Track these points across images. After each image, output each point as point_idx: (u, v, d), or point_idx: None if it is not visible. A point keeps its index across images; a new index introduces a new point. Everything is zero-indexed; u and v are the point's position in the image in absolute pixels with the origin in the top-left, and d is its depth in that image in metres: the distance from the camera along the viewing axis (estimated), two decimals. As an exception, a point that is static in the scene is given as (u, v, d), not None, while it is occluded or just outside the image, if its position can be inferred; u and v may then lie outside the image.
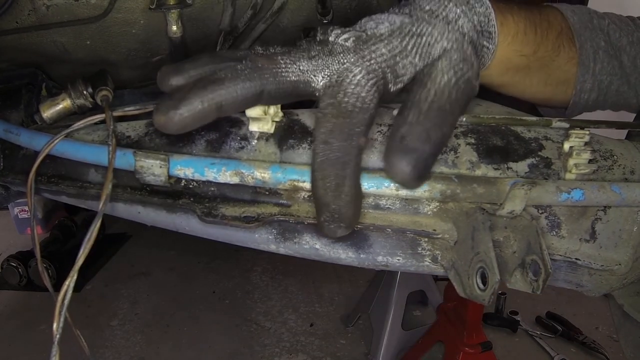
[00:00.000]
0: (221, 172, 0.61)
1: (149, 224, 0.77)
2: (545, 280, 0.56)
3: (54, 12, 0.89)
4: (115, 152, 0.65)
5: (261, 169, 0.61)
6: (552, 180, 0.64)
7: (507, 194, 0.59)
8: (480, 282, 0.59)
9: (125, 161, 0.66)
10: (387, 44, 0.53)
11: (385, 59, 0.53)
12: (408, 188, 0.58)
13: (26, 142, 0.76)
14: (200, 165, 0.63)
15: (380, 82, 0.53)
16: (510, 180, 0.59)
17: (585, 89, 0.75)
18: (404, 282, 2.27)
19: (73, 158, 0.70)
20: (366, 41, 0.53)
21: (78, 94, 0.80)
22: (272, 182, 0.61)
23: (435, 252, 0.67)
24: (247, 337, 2.52)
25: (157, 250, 3.28)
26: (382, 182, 0.59)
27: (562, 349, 2.41)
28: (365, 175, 0.59)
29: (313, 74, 0.52)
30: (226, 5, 1.00)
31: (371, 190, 0.59)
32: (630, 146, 0.73)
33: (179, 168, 0.63)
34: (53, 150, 0.68)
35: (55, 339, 0.50)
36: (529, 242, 0.60)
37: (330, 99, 0.51)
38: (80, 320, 2.63)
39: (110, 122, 0.68)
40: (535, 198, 0.59)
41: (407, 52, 0.54)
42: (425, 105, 0.51)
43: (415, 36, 0.54)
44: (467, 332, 1.91)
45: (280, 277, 3.00)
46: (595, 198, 0.60)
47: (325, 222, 0.53)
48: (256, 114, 0.64)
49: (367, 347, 2.42)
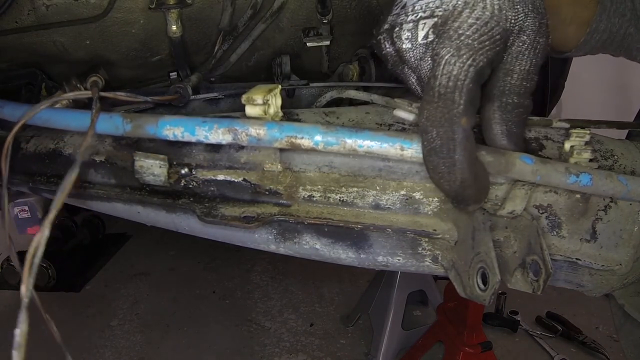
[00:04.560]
0: (213, 129, 0.57)
1: (149, 224, 0.77)
2: (546, 281, 0.56)
3: (54, 11, 0.89)
4: (100, 111, 0.60)
5: (256, 125, 0.57)
6: (561, 161, 0.62)
7: (509, 193, 0.58)
8: (481, 282, 0.59)
9: (112, 124, 0.61)
10: (468, 14, 0.50)
11: (473, 31, 0.50)
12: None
13: (9, 114, 0.73)
14: (190, 124, 0.57)
15: (471, 54, 0.49)
16: (521, 155, 0.56)
17: (599, 29, 0.72)
18: (404, 282, 2.27)
19: (57, 126, 0.66)
20: (444, 22, 0.50)
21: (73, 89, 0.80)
22: (268, 139, 0.57)
23: (436, 252, 0.67)
24: (247, 337, 2.51)
25: (157, 250, 3.28)
26: (387, 140, 0.56)
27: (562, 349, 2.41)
28: (369, 132, 0.55)
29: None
30: (226, 5, 1.00)
31: (374, 149, 0.56)
32: (631, 146, 0.73)
33: (168, 128, 0.58)
34: (37, 119, 0.65)
35: (23, 301, 0.48)
36: (529, 242, 0.60)
37: (426, 87, 0.51)
38: (80, 320, 2.63)
39: (96, 94, 0.65)
40: (544, 175, 0.56)
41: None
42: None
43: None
44: (467, 332, 1.91)
45: (280, 277, 3.00)
46: (602, 185, 0.59)
47: (453, 203, 0.54)
48: (256, 114, 0.64)
49: (367, 347, 2.42)
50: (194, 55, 1.12)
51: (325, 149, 0.54)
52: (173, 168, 0.68)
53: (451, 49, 0.49)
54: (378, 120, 0.71)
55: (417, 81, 0.57)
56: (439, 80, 0.49)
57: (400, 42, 0.54)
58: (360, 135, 0.53)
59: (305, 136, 0.54)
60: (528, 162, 0.54)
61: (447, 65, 0.49)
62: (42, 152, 0.80)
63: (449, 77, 0.48)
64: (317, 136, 0.54)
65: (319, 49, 1.21)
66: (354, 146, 0.53)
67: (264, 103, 0.62)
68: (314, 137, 0.54)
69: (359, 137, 0.53)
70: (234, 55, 1.15)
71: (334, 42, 1.19)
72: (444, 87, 0.49)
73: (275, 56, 1.20)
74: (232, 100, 1.02)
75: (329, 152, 0.57)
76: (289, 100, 1.10)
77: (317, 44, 1.14)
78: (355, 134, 0.53)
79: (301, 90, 1.11)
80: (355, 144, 0.53)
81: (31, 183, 0.81)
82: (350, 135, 0.53)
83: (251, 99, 0.62)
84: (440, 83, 0.49)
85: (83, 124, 0.62)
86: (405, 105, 0.71)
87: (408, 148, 0.53)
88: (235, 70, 1.20)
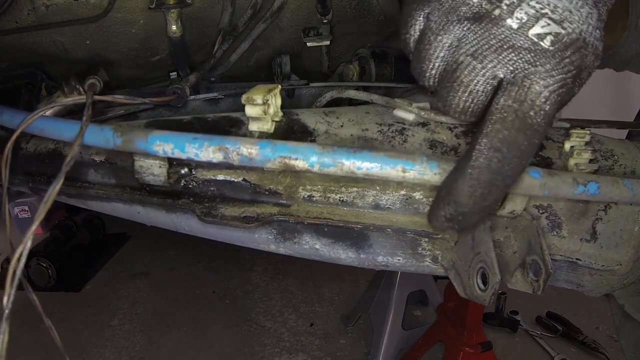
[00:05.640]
0: (203, 147, 0.54)
1: (149, 224, 0.77)
2: (546, 281, 0.56)
3: (54, 11, 0.89)
4: (89, 121, 0.59)
5: (248, 144, 0.54)
6: (568, 172, 0.62)
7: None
8: (481, 282, 0.59)
9: (102, 137, 0.59)
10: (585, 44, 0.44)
11: (580, 63, 0.44)
12: None
13: (7, 121, 0.72)
14: (180, 141, 0.55)
15: (564, 94, 0.45)
16: (529, 169, 0.54)
17: (620, 52, 0.71)
18: (404, 282, 2.27)
19: (51, 136, 0.65)
20: (565, 42, 0.44)
21: (71, 89, 0.80)
22: (260, 159, 0.54)
23: (436, 252, 0.67)
24: (247, 337, 2.51)
25: (157, 250, 3.27)
26: (388, 162, 0.52)
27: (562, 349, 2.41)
28: (369, 152, 0.53)
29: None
30: (226, 5, 1.00)
31: (374, 171, 0.53)
32: (631, 146, 0.73)
33: (158, 144, 0.56)
34: (33, 128, 0.65)
35: (5, 312, 0.48)
36: (529, 242, 0.60)
37: (514, 103, 0.44)
38: (80, 320, 2.63)
39: (90, 98, 0.65)
40: (552, 188, 0.55)
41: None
42: None
43: None
44: (467, 332, 1.91)
45: (280, 276, 3.00)
46: (609, 192, 0.57)
47: (442, 217, 0.48)
48: (256, 114, 0.64)
49: (367, 347, 2.42)
50: (193, 55, 1.12)
51: (321, 171, 0.52)
52: (173, 168, 0.68)
53: None
54: (378, 120, 0.71)
55: None
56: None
57: None
58: (359, 156, 0.51)
59: (300, 157, 0.52)
60: (535, 176, 0.53)
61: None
62: (42, 152, 0.80)
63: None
64: (312, 157, 0.51)
65: (319, 49, 1.21)
66: (352, 168, 0.51)
67: (263, 103, 0.62)
68: (309, 159, 0.51)
69: (357, 159, 0.51)
70: (234, 55, 1.15)
71: (334, 42, 1.19)
72: (537, 124, 0.44)
73: (275, 56, 1.20)
74: (232, 100, 1.02)
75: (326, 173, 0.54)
76: (289, 100, 1.10)
77: (317, 44, 1.14)
78: (354, 155, 0.51)
79: (301, 90, 1.11)
80: (354, 166, 0.51)
81: (31, 183, 0.81)
82: (348, 157, 0.51)
83: (251, 98, 0.62)
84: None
85: (76, 134, 0.61)
86: (405, 105, 0.71)
87: (410, 170, 0.51)
88: (235, 70, 1.20)
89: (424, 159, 0.50)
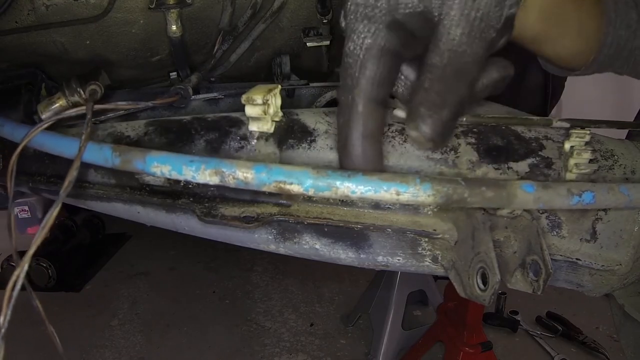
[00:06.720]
0: (200, 170, 0.56)
1: (149, 224, 0.77)
2: (546, 281, 0.56)
3: (54, 11, 0.89)
4: (88, 141, 0.60)
5: (244, 169, 0.55)
6: (562, 183, 0.62)
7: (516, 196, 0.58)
8: (481, 282, 0.59)
9: (101, 155, 0.60)
10: None
11: None
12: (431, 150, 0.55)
13: (9, 133, 0.73)
14: (178, 163, 0.57)
15: None
16: (522, 183, 0.56)
17: (607, 43, 0.71)
18: (404, 282, 2.27)
19: (51, 152, 0.67)
20: None
21: (72, 91, 0.80)
22: (256, 184, 0.56)
23: (436, 252, 0.67)
24: (247, 337, 2.51)
25: (157, 250, 3.28)
26: (381, 186, 0.54)
27: (562, 349, 2.41)
28: (362, 176, 0.54)
29: None
30: (225, 5, 1.00)
31: (368, 194, 0.55)
32: (631, 146, 0.73)
33: (156, 165, 0.58)
34: (33, 143, 0.66)
35: (1, 332, 0.48)
36: (529, 242, 0.60)
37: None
38: (80, 320, 2.63)
39: (90, 113, 0.65)
40: (547, 201, 0.56)
41: None
42: (439, 71, 0.48)
43: None
44: (467, 332, 1.91)
45: (280, 277, 3.00)
46: (605, 200, 0.58)
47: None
48: (256, 114, 0.64)
49: (367, 347, 2.42)
50: (194, 55, 1.12)
51: (316, 195, 0.53)
52: (173, 168, 0.68)
53: None
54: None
55: None
56: None
57: None
58: (352, 180, 0.51)
59: (295, 181, 0.53)
60: (529, 190, 0.53)
61: None
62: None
63: None
64: (307, 181, 0.52)
65: (319, 49, 1.21)
66: (346, 192, 0.51)
67: (263, 103, 0.62)
68: (305, 183, 0.52)
69: (351, 182, 0.51)
70: (234, 55, 1.15)
71: (334, 42, 1.19)
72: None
73: (275, 56, 1.20)
74: (232, 100, 1.02)
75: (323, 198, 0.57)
76: (289, 100, 1.10)
77: (317, 44, 1.14)
78: (348, 179, 0.51)
79: (301, 90, 1.11)
80: (348, 190, 0.51)
81: (31, 183, 0.81)
82: (342, 180, 0.51)
83: (251, 99, 0.62)
84: None
85: (76, 152, 0.62)
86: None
87: (404, 192, 0.51)
88: (235, 70, 1.20)
89: (417, 181, 0.50)
